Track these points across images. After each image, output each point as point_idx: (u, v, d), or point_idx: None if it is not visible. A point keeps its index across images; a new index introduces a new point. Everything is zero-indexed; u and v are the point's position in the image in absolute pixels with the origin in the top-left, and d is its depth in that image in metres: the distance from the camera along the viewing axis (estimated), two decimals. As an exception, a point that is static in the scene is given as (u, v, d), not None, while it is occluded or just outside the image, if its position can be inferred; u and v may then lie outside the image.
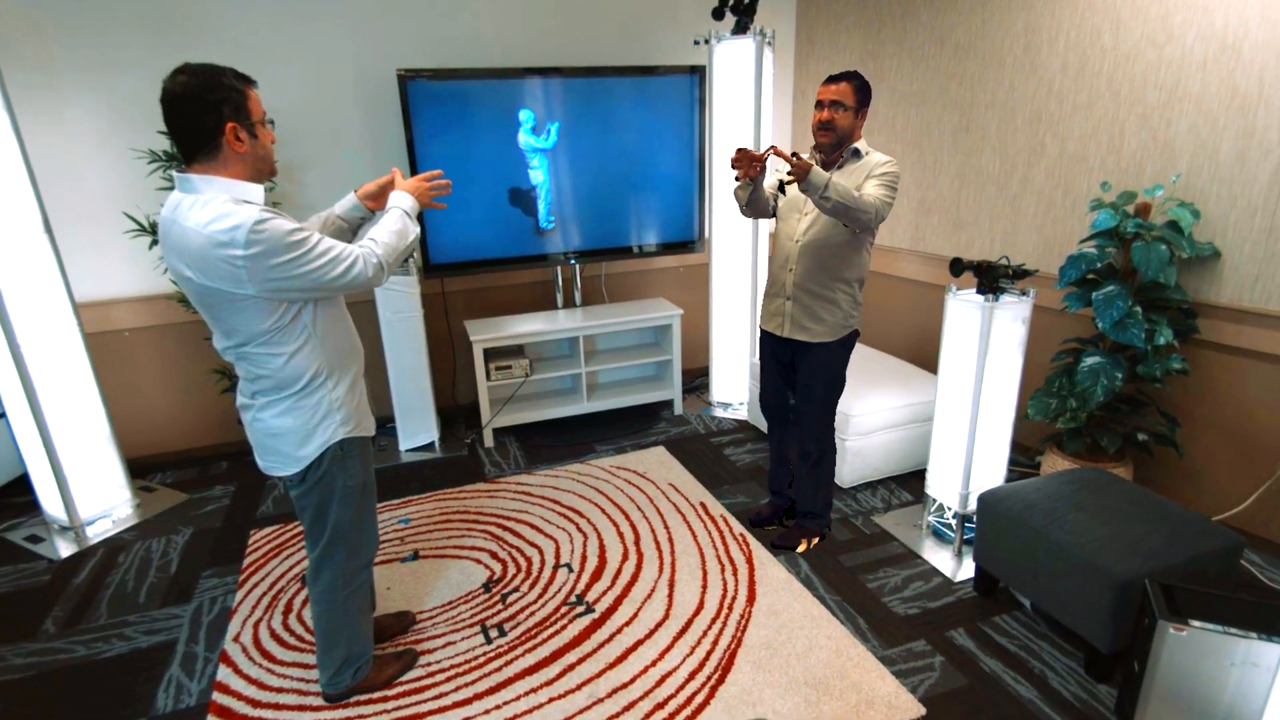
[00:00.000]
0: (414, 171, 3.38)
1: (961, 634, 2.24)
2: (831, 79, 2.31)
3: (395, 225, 1.72)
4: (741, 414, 3.92)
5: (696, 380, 4.35)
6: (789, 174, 2.13)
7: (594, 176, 3.69)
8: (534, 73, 3.45)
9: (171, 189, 2.94)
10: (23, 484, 3.31)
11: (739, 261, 3.73)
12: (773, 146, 2.23)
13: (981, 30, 3.17)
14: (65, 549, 2.90)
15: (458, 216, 3.53)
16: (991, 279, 2.37)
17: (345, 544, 1.85)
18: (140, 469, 3.45)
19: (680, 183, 3.85)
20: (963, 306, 2.46)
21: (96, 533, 3.00)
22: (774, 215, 2.58)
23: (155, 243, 3.04)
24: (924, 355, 3.67)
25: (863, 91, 2.31)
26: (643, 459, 3.42)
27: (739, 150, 2.26)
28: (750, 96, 3.48)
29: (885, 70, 3.69)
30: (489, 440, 3.66)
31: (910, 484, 3.13)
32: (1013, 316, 2.42)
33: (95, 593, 2.61)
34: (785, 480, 2.86)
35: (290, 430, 1.69)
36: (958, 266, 2.44)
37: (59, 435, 2.87)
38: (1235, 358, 2.54)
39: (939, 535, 2.73)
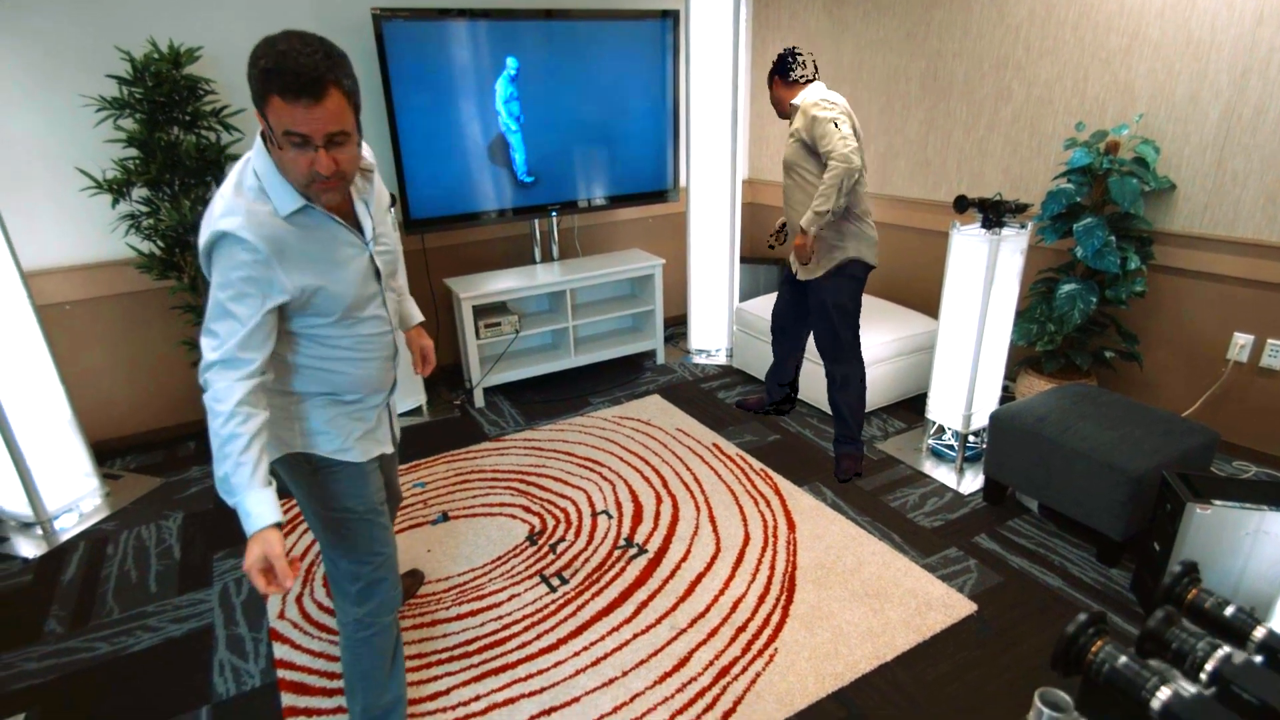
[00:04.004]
0: (391, 121, 3.19)
1: (985, 539, 2.47)
2: None
3: (224, 463, 1.24)
4: (721, 359, 4.02)
5: (670, 330, 4.40)
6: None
7: (569, 126, 3.61)
8: (511, 14, 3.31)
9: (126, 141, 2.66)
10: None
11: (718, 209, 3.78)
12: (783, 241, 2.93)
13: (948, -21, 3.32)
14: (33, 548, 2.62)
15: (437, 169, 3.37)
16: (997, 214, 2.55)
17: (344, 563, 1.54)
18: (97, 456, 3.13)
19: (654, 132, 3.83)
20: (967, 241, 2.64)
21: (64, 527, 2.73)
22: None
23: (117, 201, 2.73)
24: (898, 293, 3.89)
25: (769, 73, 2.75)
26: (642, 408, 3.46)
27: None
28: (728, 42, 3.50)
29: (850, 18, 3.80)
30: (479, 400, 3.58)
31: (899, 412, 3.35)
32: (1013, 248, 2.62)
33: (94, 588, 2.39)
34: (781, 378, 3.28)
35: None
36: (962, 204, 2.61)
37: (16, 422, 2.57)
38: (1185, 279, 2.87)
39: (938, 455, 2.96)
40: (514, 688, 1.90)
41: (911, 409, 3.36)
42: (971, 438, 2.92)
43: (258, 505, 1.23)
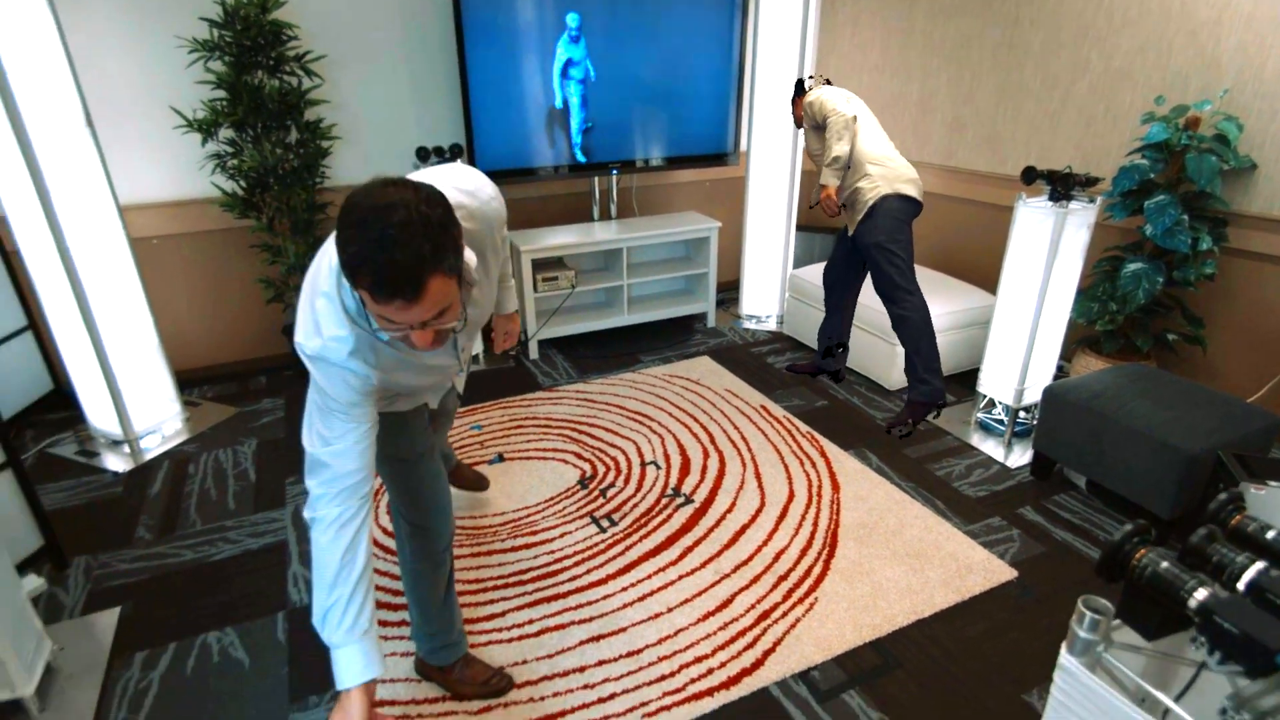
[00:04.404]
0: (463, 73, 3.26)
1: (1030, 511, 2.48)
2: None
3: (320, 605, 1.21)
4: (771, 325, 4.05)
5: (721, 295, 4.44)
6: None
7: (631, 85, 3.63)
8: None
9: (216, 84, 2.78)
10: (50, 401, 3.19)
11: (778, 175, 3.78)
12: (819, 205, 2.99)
13: (1031, -56, 3.23)
14: (121, 463, 2.83)
15: (504, 123, 3.44)
16: (1066, 186, 2.52)
17: (397, 497, 1.60)
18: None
19: (717, 93, 3.83)
20: (1032, 214, 2.61)
21: (148, 447, 2.93)
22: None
23: (206, 140, 2.87)
24: (957, 267, 3.86)
25: (791, 100, 3.13)
26: (692, 368, 3.53)
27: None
28: (798, 4, 3.47)
29: (923, -17, 3.72)
30: (533, 352, 3.69)
31: (951, 386, 3.33)
32: (1079, 223, 2.59)
33: (178, 502, 2.58)
34: (830, 332, 3.32)
35: None
36: (1030, 175, 2.59)
37: (110, 347, 2.75)
38: (1259, 263, 2.79)
39: (986, 429, 2.96)
40: (565, 615, 2.02)
41: (963, 383, 3.35)
42: (1022, 414, 2.92)
43: (351, 661, 1.18)
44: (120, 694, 1.82)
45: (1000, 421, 2.95)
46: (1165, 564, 0.85)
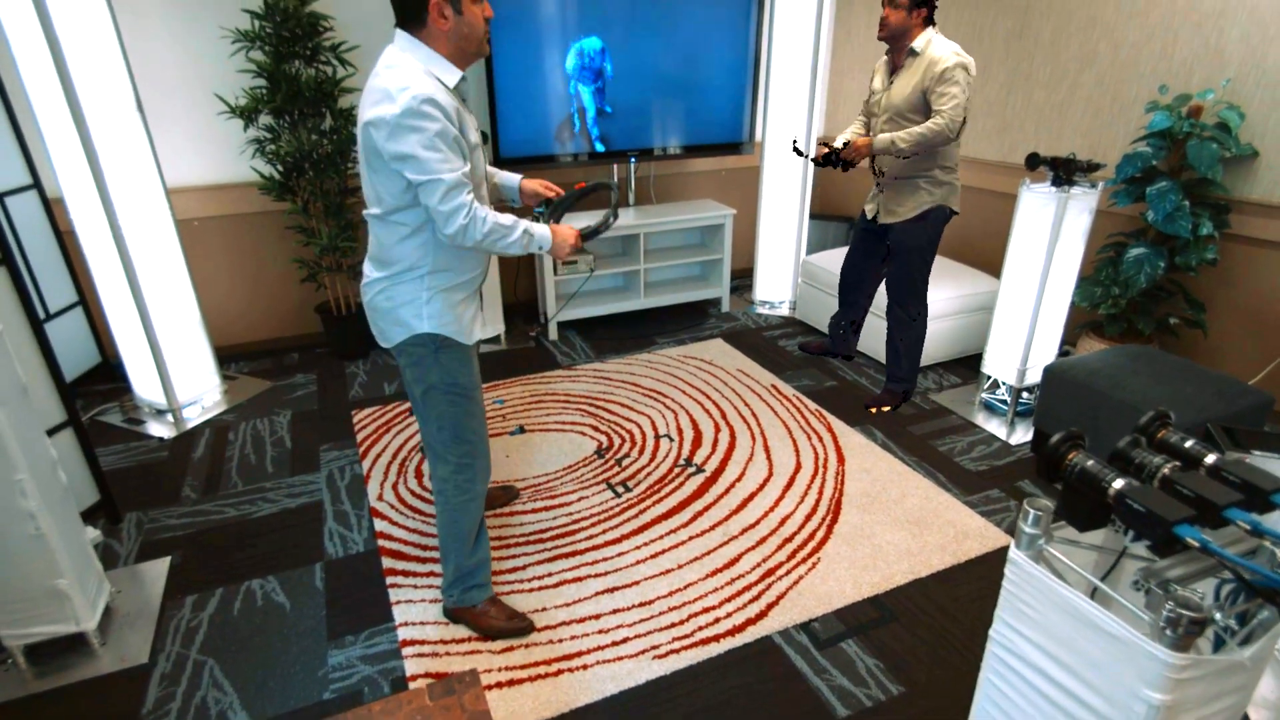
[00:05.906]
0: (488, 65, 3.40)
1: (1028, 484, 2.59)
2: None
3: (514, 232, 1.65)
4: (784, 311, 4.16)
5: (735, 282, 4.55)
6: (842, 161, 2.77)
7: (648, 75, 3.75)
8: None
9: (257, 73, 2.94)
10: (97, 373, 3.37)
11: (792, 163, 3.88)
12: (820, 154, 2.85)
13: (1042, -64, 3.30)
14: (164, 430, 3.00)
15: (526, 112, 3.58)
16: (1068, 171, 2.60)
17: (449, 432, 1.80)
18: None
19: (733, 83, 3.94)
20: (1035, 198, 2.71)
21: (190, 416, 3.10)
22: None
23: (248, 125, 3.04)
24: (966, 253, 3.94)
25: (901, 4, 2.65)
26: (705, 349, 3.65)
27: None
28: (812, -3, 3.57)
29: (936, -25, 3.79)
30: (553, 334, 3.83)
31: (956, 368, 3.45)
32: (1081, 207, 2.67)
33: (220, 465, 2.75)
34: (841, 327, 3.42)
35: (384, 309, 1.71)
36: (1034, 160, 2.68)
37: (157, 322, 2.92)
38: (1260, 249, 2.86)
39: (990, 408, 3.06)
40: (582, 569, 2.16)
41: (968, 366, 3.45)
42: (1025, 395, 3.01)
43: (543, 227, 1.74)
44: (174, 631, 1.98)
45: (1003, 401, 3.04)
46: (1091, 462, 0.97)
